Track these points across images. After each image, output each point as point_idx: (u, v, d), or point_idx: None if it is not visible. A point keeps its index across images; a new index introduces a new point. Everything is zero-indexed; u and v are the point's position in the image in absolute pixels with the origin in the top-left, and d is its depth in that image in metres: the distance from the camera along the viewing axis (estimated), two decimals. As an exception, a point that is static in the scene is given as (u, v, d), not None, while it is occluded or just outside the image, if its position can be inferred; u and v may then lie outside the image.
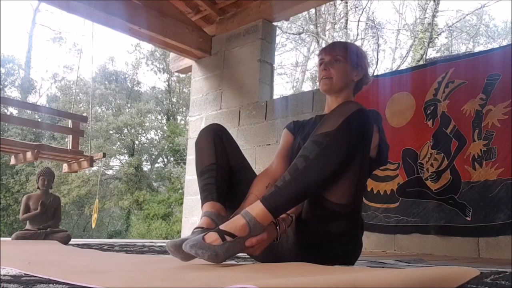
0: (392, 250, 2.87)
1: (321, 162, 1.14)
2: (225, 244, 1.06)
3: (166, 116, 16.11)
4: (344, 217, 1.23)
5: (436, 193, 2.75)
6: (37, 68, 29.79)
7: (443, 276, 0.77)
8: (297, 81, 15.87)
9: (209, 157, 1.39)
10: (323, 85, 1.46)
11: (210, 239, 1.06)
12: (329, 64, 1.45)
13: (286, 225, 1.22)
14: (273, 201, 1.12)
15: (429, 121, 2.88)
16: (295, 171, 1.15)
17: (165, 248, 2.23)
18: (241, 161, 1.48)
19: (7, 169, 12.33)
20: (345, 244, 1.27)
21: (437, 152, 2.80)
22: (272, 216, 1.12)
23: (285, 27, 13.48)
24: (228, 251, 1.07)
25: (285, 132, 1.59)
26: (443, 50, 12.98)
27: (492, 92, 2.65)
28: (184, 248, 1.06)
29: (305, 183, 1.15)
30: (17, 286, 0.72)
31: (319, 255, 1.26)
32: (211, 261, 1.06)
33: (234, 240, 1.08)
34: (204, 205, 1.33)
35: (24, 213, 2.68)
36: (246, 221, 1.10)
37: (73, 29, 23.46)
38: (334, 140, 1.14)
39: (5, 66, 15.38)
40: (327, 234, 1.24)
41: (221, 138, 1.43)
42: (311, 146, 1.16)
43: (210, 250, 1.04)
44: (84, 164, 3.19)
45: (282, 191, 1.13)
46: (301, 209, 1.29)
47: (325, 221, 1.23)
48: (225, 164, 1.40)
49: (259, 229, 1.11)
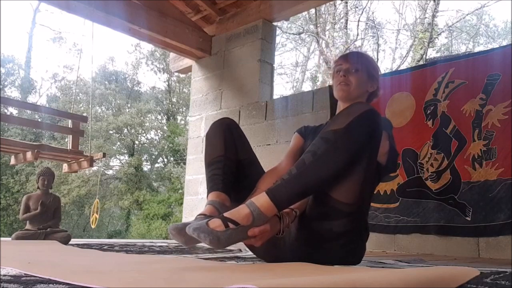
0: (392, 250, 2.87)
1: (328, 159, 1.16)
2: (227, 231, 1.07)
3: (166, 116, 16.11)
4: (347, 216, 1.23)
5: (436, 193, 2.75)
6: (37, 68, 29.82)
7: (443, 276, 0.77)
8: (297, 81, 15.88)
9: (218, 149, 1.42)
10: (340, 91, 1.47)
11: (213, 225, 1.08)
12: (348, 71, 1.47)
13: (290, 220, 1.23)
14: (278, 193, 1.14)
15: (429, 121, 2.88)
16: (302, 165, 1.16)
17: (165, 248, 2.23)
18: (250, 156, 1.51)
19: (7, 169, 12.33)
20: (347, 244, 1.27)
21: (437, 152, 2.80)
22: (276, 208, 1.13)
23: (285, 27, 13.48)
24: (230, 238, 1.08)
25: (295, 135, 1.62)
26: (443, 50, 12.98)
27: (492, 92, 2.65)
28: (188, 231, 1.07)
29: (311, 178, 1.16)
30: (17, 286, 0.72)
31: (320, 252, 1.27)
32: (212, 245, 1.07)
33: (237, 228, 1.09)
34: (209, 195, 1.35)
35: (24, 213, 2.67)
36: (250, 210, 1.11)
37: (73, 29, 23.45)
38: (342, 137, 1.16)
39: (5, 66, 15.38)
40: (329, 231, 1.25)
41: (231, 131, 1.46)
42: (319, 142, 1.18)
43: (212, 235, 1.05)
44: (84, 164, 3.19)
45: (288, 185, 1.15)
46: (306, 206, 1.30)
47: (328, 218, 1.24)
48: (233, 157, 1.42)
49: (262, 219, 1.12)
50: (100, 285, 0.70)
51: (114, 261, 1.32)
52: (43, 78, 18.15)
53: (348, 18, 12.75)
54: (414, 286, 0.68)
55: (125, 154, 14.85)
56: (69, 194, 12.33)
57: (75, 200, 12.68)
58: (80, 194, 12.49)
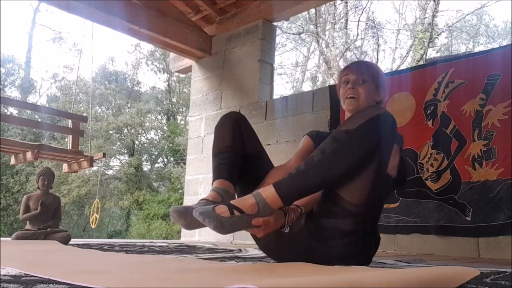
0: (392, 250, 2.87)
1: (337, 158, 1.17)
2: (232, 218, 1.10)
3: (166, 116, 16.11)
4: (354, 216, 1.24)
5: (436, 193, 2.75)
6: (37, 68, 29.81)
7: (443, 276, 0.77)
8: (297, 81, 15.87)
9: (225, 140, 1.44)
10: (349, 105, 1.47)
11: (219, 210, 1.10)
12: (356, 83, 1.46)
13: (295, 216, 1.25)
14: (284, 187, 1.16)
15: (429, 121, 2.88)
16: (311, 162, 1.18)
17: (165, 248, 2.23)
18: (259, 150, 1.53)
19: (7, 169, 12.33)
20: (353, 244, 1.28)
21: (437, 152, 2.80)
22: (281, 201, 1.16)
23: (285, 27, 13.47)
24: (234, 225, 1.10)
25: (305, 137, 1.63)
26: (443, 50, 12.97)
27: (492, 92, 2.65)
28: (194, 214, 1.10)
29: (318, 175, 1.18)
30: (17, 286, 0.72)
31: (325, 249, 1.28)
32: (216, 230, 1.09)
33: (242, 216, 1.12)
34: (214, 182, 1.37)
35: (24, 213, 2.67)
36: (256, 200, 1.14)
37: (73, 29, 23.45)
38: (353, 138, 1.17)
39: (5, 66, 15.38)
40: (335, 229, 1.26)
41: (239, 124, 1.49)
42: (329, 141, 1.20)
43: (217, 220, 1.08)
44: (84, 164, 3.19)
45: (295, 179, 1.17)
46: (312, 206, 1.32)
47: (335, 216, 1.25)
48: (240, 149, 1.45)
49: (267, 211, 1.15)
50: (100, 285, 0.70)
51: (114, 261, 1.32)
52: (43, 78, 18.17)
53: (348, 18, 12.76)
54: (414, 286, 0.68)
55: (125, 154, 14.85)
56: (69, 194, 12.32)
57: (75, 200, 12.67)
58: (80, 194, 12.48)
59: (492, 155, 2.58)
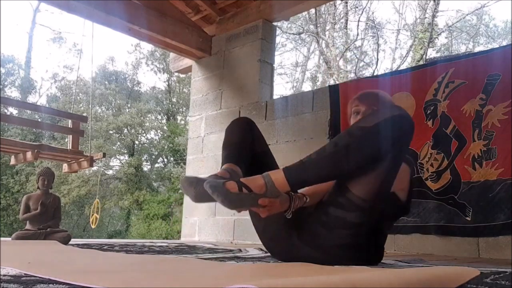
0: (392, 250, 2.87)
1: (348, 153, 1.18)
2: (240, 195, 1.13)
3: (166, 116, 16.11)
4: (360, 210, 1.26)
5: (436, 193, 2.75)
6: (37, 68, 29.85)
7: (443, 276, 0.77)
8: (297, 81, 15.88)
9: (236, 138, 1.49)
10: None
11: (229, 186, 1.13)
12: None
13: (300, 204, 1.28)
14: (294, 172, 1.19)
15: (429, 121, 2.88)
16: (322, 152, 1.21)
17: (165, 248, 2.23)
18: (265, 150, 1.58)
19: (7, 169, 12.33)
20: (357, 236, 1.30)
21: (437, 152, 2.80)
22: (289, 186, 1.18)
23: (285, 27, 13.48)
24: (241, 201, 1.14)
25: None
26: (443, 50, 12.98)
27: (492, 92, 2.65)
28: (205, 186, 1.13)
29: (327, 166, 1.20)
30: (17, 286, 0.72)
31: (332, 238, 1.30)
32: (224, 205, 1.12)
33: (250, 194, 1.15)
34: (223, 165, 1.39)
35: (24, 213, 2.67)
36: (264, 182, 1.17)
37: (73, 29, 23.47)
38: (367, 135, 1.18)
39: (5, 66, 15.38)
40: (342, 220, 1.28)
41: (250, 126, 1.55)
42: (344, 135, 1.23)
43: (226, 195, 1.11)
44: (84, 164, 3.19)
45: (305, 166, 1.19)
46: (319, 198, 1.36)
47: (343, 207, 1.27)
48: (248, 147, 1.49)
49: (274, 193, 1.17)
50: (100, 285, 0.70)
51: (114, 261, 1.32)
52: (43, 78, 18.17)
53: (348, 18, 12.76)
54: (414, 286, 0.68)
55: (125, 154, 14.85)
56: (69, 194, 12.33)
57: (75, 200, 12.67)
58: (80, 194, 12.49)
59: (492, 155, 2.58)
